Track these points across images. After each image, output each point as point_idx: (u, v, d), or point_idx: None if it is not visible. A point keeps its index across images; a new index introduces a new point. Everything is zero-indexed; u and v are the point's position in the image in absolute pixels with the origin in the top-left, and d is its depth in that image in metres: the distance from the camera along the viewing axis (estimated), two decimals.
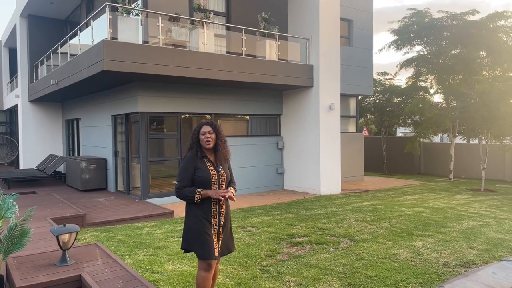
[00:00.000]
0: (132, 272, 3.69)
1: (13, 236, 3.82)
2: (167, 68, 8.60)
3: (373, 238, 6.52)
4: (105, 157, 11.65)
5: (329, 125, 11.32)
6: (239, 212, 8.76)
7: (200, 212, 3.49)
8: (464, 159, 16.07)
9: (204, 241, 3.45)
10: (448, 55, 15.03)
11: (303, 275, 4.84)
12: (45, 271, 3.69)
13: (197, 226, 3.48)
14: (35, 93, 14.18)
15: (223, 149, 3.63)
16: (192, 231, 3.51)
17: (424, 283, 4.58)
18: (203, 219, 3.47)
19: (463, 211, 8.76)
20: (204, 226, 3.48)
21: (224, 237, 3.63)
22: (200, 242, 3.46)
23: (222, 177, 3.55)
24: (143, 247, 5.99)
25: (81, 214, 7.35)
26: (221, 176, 3.55)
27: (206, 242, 3.45)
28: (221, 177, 3.55)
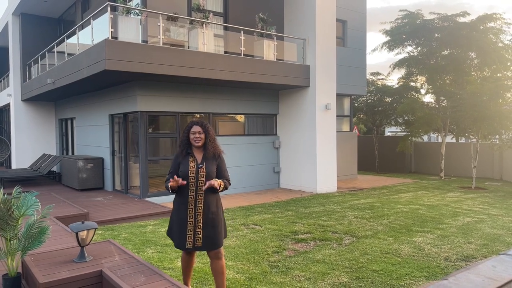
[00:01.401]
0: (152, 267, 3.77)
1: (32, 233, 3.86)
2: (168, 68, 8.66)
3: (374, 234, 6.69)
4: (102, 156, 11.63)
5: (326, 124, 11.49)
6: (239, 210, 8.86)
7: (178, 203, 3.84)
8: (454, 158, 16.43)
9: (177, 231, 3.80)
10: (439, 56, 15.35)
11: (311, 270, 4.97)
12: (64, 267, 3.74)
13: (174, 216, 3.87)
14: (28, 92, 14.05)
15: (211, 147, 3.88)
16: (171, 221, 3.92)
17: (429, 276, 4.75)
18: (180, 210, 3.79)
19: (457, 208, 9.01)
20: (179, 217, 3.80)
21: (204, 232, 3.74)
22: (175, 232, 3.83)
23: (201, 172, 3.77)
24: (150, 245, 6.06)
25: (84, 213, 7.37)
26: (200, 172, 3.77)
27: (178, 232, 3.78)
28: (200, 172, 3.77)
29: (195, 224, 3.74)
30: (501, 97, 12.48)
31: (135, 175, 10.58)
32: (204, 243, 3.75)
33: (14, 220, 3.68)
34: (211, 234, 3.78)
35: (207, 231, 3.77)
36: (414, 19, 15.43)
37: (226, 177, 3.93)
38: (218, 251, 3.83)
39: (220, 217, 3.89)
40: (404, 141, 15.97)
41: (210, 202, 3.81)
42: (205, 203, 3.77)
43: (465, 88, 13.51)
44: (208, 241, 3.77)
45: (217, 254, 3.82)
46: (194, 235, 3.74)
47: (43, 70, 12.64)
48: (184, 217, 3.76)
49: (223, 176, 3.91)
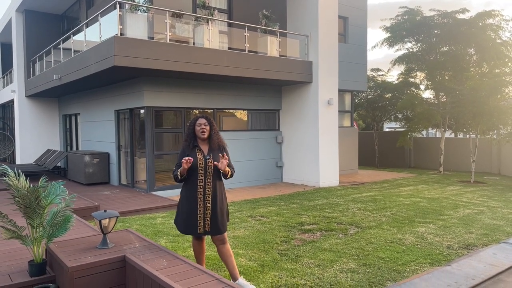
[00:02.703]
0: (172, 253, 3.97)
1: (56, 221, 4.05)
2: (176, 64, 8.82)
3: (378, 225, 6.91)
4: (107, 151, 11.80)
5: (328, 119, 11.69)
6: (245, 203, 9.07)
7: (187, 191, 4.07)
8: (453, 153, 16.67)
9: (186, 218, 4.05)
10: (438, 52, 15.56)
11: (320, 258, 5.18)
12: (89, 253, 3.93)
13: (183, 204, 4.11)
14: (33, 88, 14.18)
15: (216, 138, 4.18)
16: (178, 209, 4.18)
17: (433, 263, 4.97)
18: (189, 199, 4.04)
19: (457, 201, 9.24)
20: (188, 206, 4.04)
21: (212, 217, 4.04)
22: (182, 219, 4.10)
23: (209, 164, 4.03)
24: (162, 235, 6.25)
25: (95, 206, 7.56)
26: (208, 163, 4.03)
27: (187, 219, 4.05)
28: (208, 164, 4.03)
29: (205, 211, 4.04)
30: (500, 93, 12.70)
31: (141, 170, 10.76)
32: (212, 228, 4.07)
33: (41, 209, 3.86)
34: (218, 220, 4.08)
35: (214, 218, 4.07)
36: (414, 16, 15.63)
37: (231, 166, 4.23)
38: (223, 236, 4.15)
39: (225, 204, 4.23)
40: (404, 136, 16.21)
41: (217, 191, 4.10)
42: (213, 192, 4.06)
43: (465, 84, 13.73)
44: (215, 226, 4.08)
45: (222, 239, 4.15)
46: (204, 221, 4.05)
47: (48, 67, 12.77)
48: (194, 205, 4.03)
49: (228, 165, 4.17)
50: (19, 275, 4.00)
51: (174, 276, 3.35)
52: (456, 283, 4.35)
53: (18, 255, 4.68)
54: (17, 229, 3.89)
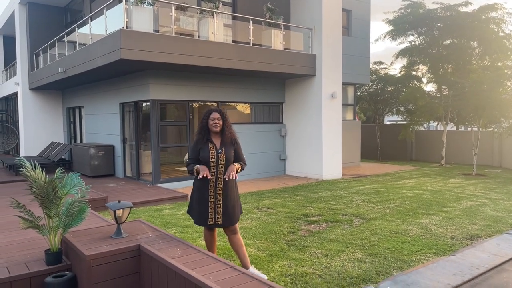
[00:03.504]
0: (185, 242, 4.07)
1: (72, 211, 4.15)
2: (182, 57, 8.88)
3: (382, 216, 7.02)
4: (112, 144, 11.89)
5: (331, 112, 11.76)
6: (250, 195, 9.17)
7: (199, 185, 4.17)
8: (455, 146, 16.76)
9: (198, 210, 4.18)
10: (441, 45, 15.57)
11: (327, 248, 5.29)
12: (104, 242, 4.04)
13: (195, 196, 4.23)
14: (37, 81, 14.22)
15: (229, 132, 4.26)
16: (191, 200, 4.30)
17: (438, 253, 5.08)
18: (201, 191, 4.15)
19: (460, 193, 9.35)
20: (200, 197, 4.16)
21: (223, 210, 4.16)
22: (195, 210, 4.22)
23: (221, 157, 4.13)
24: (171, 226, 6.36)
25: (103, 197, 7.67)
26: (220, 157, 4.13)
27: (199, 210, 4.16)
28: (220, 157, 4.13)
29: (216, 204, 4.15)
30: (502, 86, 12.76)
31: (146, 162, 10.86)
32: (223, 220, 4.18)
33: (58, 199, 3.96)
34: (229, 212, 4.19)
35: (225, 209, 4.17)
36: (417, 9, 15.62)
37: (242, 159, 4.36)
38: (234, 227, 4.27)
39: (237, 196, 4.33)
40: (406, 129, 16.28)
41: (228, 183, 4.20)
42: (224, 185, 4.16)
43: (467, 77, 13.78)
44: (226, 218, 4.19)
45: (233, 229, 4.27)
46: (215, 213, 4.15)
47: (52, 59, 12.81)
48: (205, 197, 4.14)
49: (240, 159, 4.32)
50: (36, 264, 4.11)
51: (189, 264, 3.45)
52: (461, 272, 4.47)
53: (33, 245, 4.79)
54: (34, 219, 3.99)
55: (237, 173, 4.25)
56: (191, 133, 10.70)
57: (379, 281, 4.22)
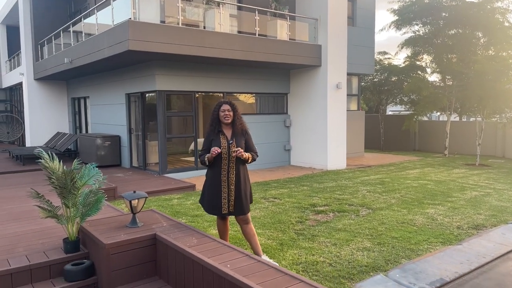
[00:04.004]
0: (200, 231, 4.18)
1: (88, 202, 4.25)
2: (187, 48, 8.91)
3: (388, 206, 7.12)
4: (118, 134, 11.98)
5: (336, 103, 11.81)
6: (256, 185, 9.27)
7: (212, 174, 4.30)
8: (458, 136, 16.82)
9: (211, 199, 4.30)
10: (446, 35, 15.53)
11: (335, 237, 5.40)
12: (121, 231, 4.15)
13: (208, 186, 4.35)
14: (42, 71, 14.26)
15: (239, 123, 4.38)
16: (204, 190, 4.43)
17: (444, 242, 5.19)
18: (213, 181, 4.27)
19: (464, 183, 9.44)
20: (213, 186, 4.28)
21: (236, 199, 4.27)
22: (208, 200, 4.34)
23: (232, 148, 4.24)
24: (181, 215, 6.48)
25: (113, 187, 7.78)
26: (231, 148, 4.24)
27: (212, 200, 4.29)
28: (231, 148, 4.24)
29: (228, 193, 4.27)
30: (506, 76, 12.76)
31: (152, 152, 10.96)
32: (235, 209, 4.30)
33: (76, 190, 4.06)
34: (241, 201, 4.31)
35: (238, 199, 4.29)
36: None
37: (254, 150, 4.47)
38: (246, 217, 4.40)
39: (248, 186, 4.44)
40: (409, 119, 16.33)
41: (240, 174, 4.32)
42: (236, 174, 4.27)
43: (472, 68, 13.77)
44: (238, 207, 4.31)
45: (245, 219, 4.40)
46: (228, 202, 4.28)
47: (57, 49, 12.83)
48: (218, 187, 4.26)
49: (251, 149, 4.44)
50: (54, 252, 4.23)
51: (206, 253, 3.56)
52: (468, 260, 4.57)
53: (49, 234, 4.91)
54: (53, 209, 4.09)
55: (248, 163, 4.36)
56: (197, 124, 10.78)
57: (388, 269, 4.33)
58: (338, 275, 4.15)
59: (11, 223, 5.49)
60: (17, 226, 5.30)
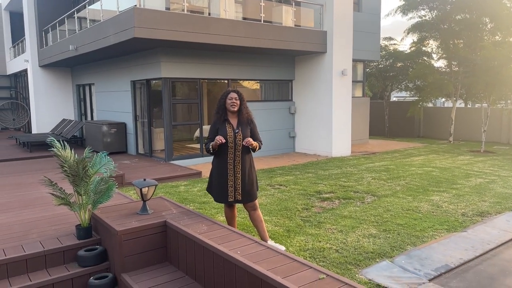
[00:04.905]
0: (209, 218, 4.26)
1: (100, 189, 4.34)
2: (193, 35, 8.88)
3: (393, 193, 7.18)
4: (124, 121, 12.04)
5: (341, 90, 11.78)
6: (261, 172, 9.35)
7: (218, 163, 4.37)
8: (462, 123, 16.77)
9: (218, 187, 4.37)
10: (453, 20, 15.35)
11: (341, 224, 5.48)
12: (132, 218, 4.23)
13: (214, 174, 4.42)
14: (47, 58, 14.27)
15: (246, 112, 4.45)
16: (211, 178, 4.50)
17: (449, 229, 5.26)
18: (220, 169, 4.34)
19: (468, 170, 9.48)
20: (219, 175, 4.34)
21: (242, 187, 4.35)
22: (215, 188, 4.42)
23: (238, 137, 4.31)
24: (189, 202, 6.57)
25: (121, 174, 7.88)
26: (237, 136, 4.31)
27: (219, 188, 4.36)
28: (237, 136, 4.31)
29: (235, 181, 4.34)
30: None
31: (158, 140, 11.03)
32: (243, 196, 4.38)
33: (87, 178, 4.13)
34: (248, 189, 4.39)
35: (244, 186, 4.37)
36: None
37: (258, 139, 4.53)
38: (254, 203, 4.49)
39: (254, 174, 4.51)
40: (414, 106, 16.28)
41: (245, 162, 4.39)
42: (242, 163, 4.35)
43: (478, 53, 13.66)
44: (245, 194, 4.39)
45: (253, 205, 4.48)
46: (235, 190, 4.35)
47: (62, 36, 12.82)
48: (225, 175, 4.33)
49: (256, 138, 4.49)
50: (67, 238, 4.33)
51: (216, 239, 3.64)
52: (473, 247, 4.65)
53: (61, 220, 5.01)
54: (66, 196, 4.18)
55: (254, 152, 4.43)
56: (202, 111, 10.81)
57: (394, 255, 4.41)
58: (344, 261, 4.24)
59: (23, 209, 5.60)
60: (29, 213, 5.41)
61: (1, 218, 5.17)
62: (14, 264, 3.86)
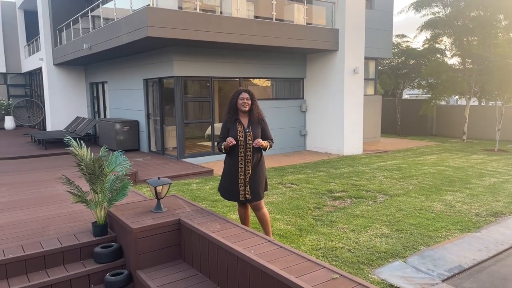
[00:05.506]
0: (223, 217, 4.30)
1: (115, 187, 4.41)
2: (205, 34, 8.93)
3: (405, 193, 7.15)
4: (136, 119, 12.16)
5: (353, 88, 11.73)
6: (272, 171, 9.38)
7: (229, 162, 4.42)
8: (476, 121, 16.56)
9: (229, 186, 4.42)
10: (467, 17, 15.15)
11: (353, 223, 5.49)
12: (146, 216, 4.30)
13: (226, 173, 4.47)
14: (61, 57, 14.47)
15: (256, 112, 4.47)
16: (223, 177, 4.55)
17: (463, 229, 5.23)
18: (231, 168, 4.38)
19: (482, 170, 9.38)
20: (230, 173, 4.39)
21: (251, 186, 4.37)
22: (226, 187, 4.48)
23: (249, 136, 4.34)
24: (201, 200, 6.63)
25: (134, 172, 7.97)
26: (248, 136, 4.34)
27: (230, 187, 4.41)
28: (248, 136, 4.34)
29: (245, 180, 4.38)
30: None
31: (170, 137, 11.12)
32: (251, 195, 4.42)
33: (104, 176, 4.21)
34: (256, 188, 4.43)
35: (253, 185, 4.41)
36: None
37: (270, 137, 4.56)
38: (259, 203, 4.50)
39: (264, 173, 4.54)
40: (427, 104, 16.12)
41: (256, 161, 4.43)
42: (252, 162, 4.38)
43: (493, 51, 13.46)
44: (254, 194, 4.43)
45: (257, 205, 4.51)
46: (245, 189, 4.39)
47: (76, 35, 12.98)
48: (236, 174, 4.38)
49: (267, 137, 4.52)
50: (84, 235, 4.42)
51: (229, 238, 3.68)
52: (486, 248, 4.62)
53: (77, 217, 5.11)
54: (83, 194, 4.26)
55: (265, 150, 4.45)
56: (214, 109, 10.87)
57: (407, 256, 4.41)
58: (357, 261, 4.25)
59: (40, 206, 5.72)
60: (46, 210, 5.52)
61: (19, 215, 5.29)
62: (33, 260, 3.96)
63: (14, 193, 6.59)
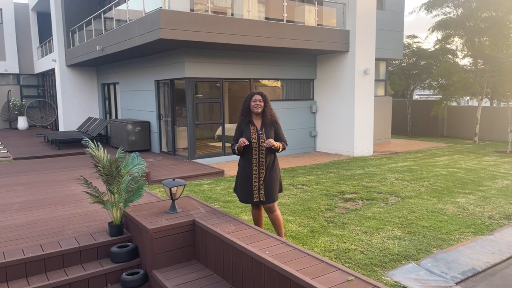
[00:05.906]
0: (236, 218, 4.35)
1: (131, 188, 4.49)
2: (216, 36, 9.00)
3: (417, 195, 7.14)
4: (148, 120, 12.28)
5: (364, 89, 11.72)
6: (283, 172, 9.41)
7: (243, 164, 4.47)
8: (488, 122, 16.41)
9: (243, 188, 4.47)
10: (479, 18, 15.03)
11: (365, 225, 5.50)
12: (161, 217, 4.37)
13: (240, 175, 4.52)
14: (74, 58, 14.66)
15: (269, 114, 4.51)
16: (237, 179, 4.61)
17: (476, 232, 5.22)
18: (245, 170, 4.44)
19: (495, 172, 9.31)
20: (244, 175, 4.44)
21: (265, 186, 4.43)
22: (240, 189, 4.52)
23: (262, 138, 4.39)
24: (213, 201, 6.70)
25: (147, 172, 8.06)
26: (261, 138, 4.39)
27: (244, 189, 4.45)
28: (261, 138, 4.39)
29: (259, 182, 4.43)
30: None
31: (181, 138, 11.22)
32: (265, 197, 4.46)
33: (120, 177, 4.29)
34: (270, 190, 4.46)
35: (267, 187, 4.45)
36: None
37: (283, 139, 4.59)
38: (272, 205, 4.53)
39: (278, 175, 4.57)
40: (438, 105, 16.02)
41: (270, 163, 4.48)
42: (266, 164, 4.43)
43: (505, 51, 13.34)
44: (267, 195, 4.46)
45: (271, 207, 4.53)
46: (259, 191, 4.44)
47: (88, 37, 13.15)
48: (249, 176, 4.43)
49: (281, 139, 4.56)
50: (100, 235, 4.51)
51: (244, 239, 3.73)
52: (500, 251, 4.61)
53: (93, 217, 5.20)
54: (100, 195, 4.35)
55: (278, 152, 4.50)
56: (224, 110, 10.94)
57: (420, 258, 4.42)
58: (370, 263, 4.27)
59: (56, 206, 5.83)
60: (62, 210, 5.63)
61: (37, 214, 5.40)
62: (52, 259, 4.05)
63: (30, 193, 6.72)
